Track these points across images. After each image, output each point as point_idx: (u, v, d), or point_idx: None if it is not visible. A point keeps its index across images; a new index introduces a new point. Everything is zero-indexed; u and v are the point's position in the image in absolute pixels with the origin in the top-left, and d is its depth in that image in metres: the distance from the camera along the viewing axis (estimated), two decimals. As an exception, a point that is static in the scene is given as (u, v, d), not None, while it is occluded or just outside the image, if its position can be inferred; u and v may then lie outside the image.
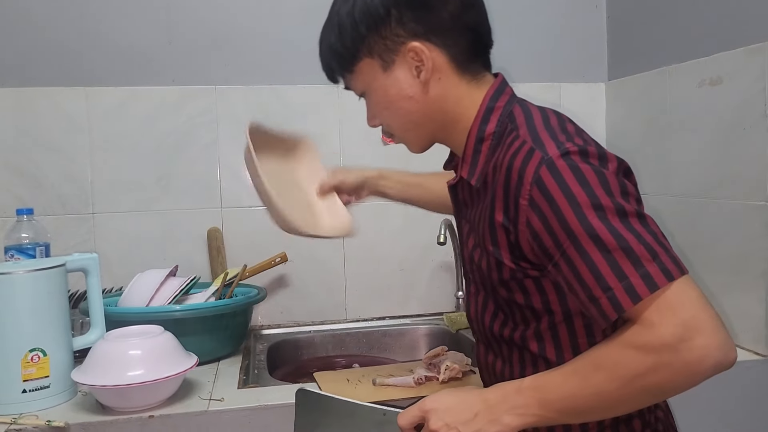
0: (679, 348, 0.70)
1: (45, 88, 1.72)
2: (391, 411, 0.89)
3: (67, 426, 1.12)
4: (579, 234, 0.74)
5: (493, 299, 0.92)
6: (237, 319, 1.51)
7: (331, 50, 0.94)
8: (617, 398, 0.75)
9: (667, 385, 0.73)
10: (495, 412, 0.78)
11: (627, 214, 0.75)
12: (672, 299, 0.72)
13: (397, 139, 0.99)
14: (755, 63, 1.36)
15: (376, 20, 0.88)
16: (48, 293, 1.22)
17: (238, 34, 1.81)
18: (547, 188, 0.76)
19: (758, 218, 1.36)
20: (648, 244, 0.73)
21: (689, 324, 0.71)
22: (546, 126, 0.84)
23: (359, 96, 0.99)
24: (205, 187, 1.81)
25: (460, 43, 0.89)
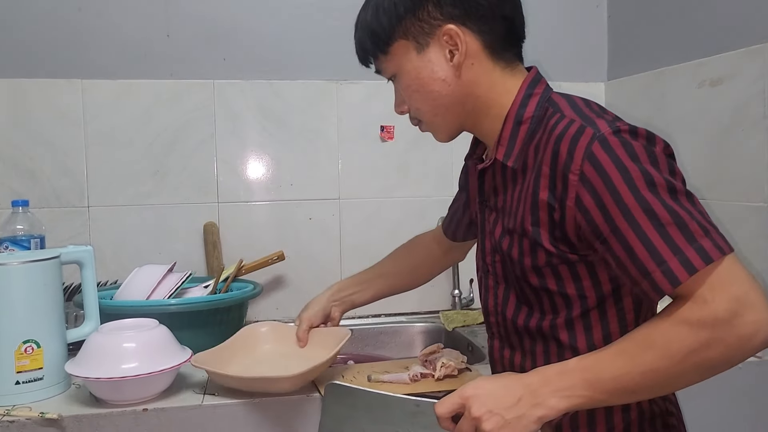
0: (733, 323, 0.71)
1: (41, 79, 1.71)
2: (425, 401, 0.87)
3: (60, 418, 1.11)
4: (633, 208, 0.75)
5: (517, 290, 0.92)
6: (232, 314, 1.50)
7: (367, 30, 0.94)
8: (670, 375, 0.75)
9: (719, 361, 0.74)
10: (539, 395, 0.77)
11: (677, 192, 0.76)
12: (723, 276, 0.73)
13: (425, 126, 0.99)
14: (755, 64, 1.36)
15: (414, 1, 0.89)
16: (43, 285, 1.21)
17: (237, 29, 1.80)
18: (600, 163, 0.77)
19: (756, 219, 1.37)
20: (699, 221, 0.75)
21: (741, 299, 0.72)
22: (590, 108, 0.86)
23: (388, 79, 0.99)
24: (201, 182, 1.80)
25: (495, 31, 0.90)
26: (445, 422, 0.81)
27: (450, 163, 1.91)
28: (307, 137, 1.85)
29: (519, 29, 0.93)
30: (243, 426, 1.17)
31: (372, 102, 1.87)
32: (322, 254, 1.87)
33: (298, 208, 1.85)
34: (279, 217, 1.84)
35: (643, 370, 0.75)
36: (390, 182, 1.89)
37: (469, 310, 1.85)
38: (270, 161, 1.83)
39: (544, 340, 0.90)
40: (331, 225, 1.87)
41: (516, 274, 0.90)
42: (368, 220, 1.89)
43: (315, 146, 1.85)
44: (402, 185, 1.90)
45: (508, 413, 0.76)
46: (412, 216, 1.91)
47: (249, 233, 1.82)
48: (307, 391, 1.22)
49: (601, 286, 0.85)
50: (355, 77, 1.85)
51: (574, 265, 0.85)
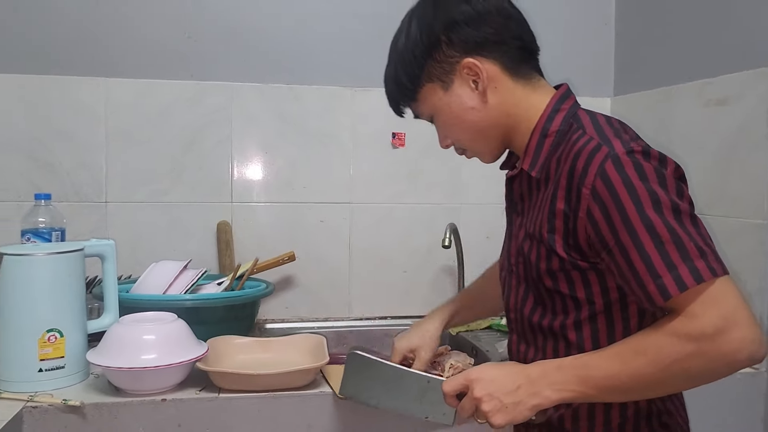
0: (718, 339, 0.78)
1: (64, 77, 1.75)
2: (436, 379, 0.98)
3: (82, 405, 1.15)
4: (636, 224, 0.81)
5: (535, 291, 0.98)
6: (246, 311, 1.54)
7: (395, 84, 1.02)
8: (655, 380, 0.82)
9: (701, 372, 0.80)
10: (536, 385, 0.85)
11: (681, 213, 0.82)
12: (715, 294, 0.79)
13: (470, 153, 1.06)
14: (760, 86, 1.41)
15: (428, 48, 0.96)
16: (67, 276, 1.25)
17: (257, 33, 1.85)
18: (610, 180, 0.83)
19: (756, 236, 1.41)
20: (697, 243, 0.81)
21: (728, 318, 0.78)
22: (610, 127, 0.91)
23: (429, 121, 1.06)
24: (216, 182, 1.84)
25: (509, 52, 0.96)
26: (450, 399, 0.93)
27: (459, 171, 1.96)
28: (321, 141, 1.89)
29: (530, 44, 0.99)
30: (257, 419, 1.22)
31: (385, 109, 1.88)
32: (331, 256, 1.91)
33: (310, 211, 1.90)
34: (291, 218, 1.88)
35: (631, 373, 0.82)
36: (400, 188, 1.94)
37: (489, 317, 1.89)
38: (284, 164, 1.88)
39: (554, 338, 0.96)
40: (342, 228, 1.92)
41: (533, 275, 0.96)
42: (378, 224, 1.93)
43: (328, 150, 1.90)
44: (412, 191, 1.95)
45: (506, 398, 0.86)
46: (420, 222, 1.95)
47: (261, 233, 1.86)
48: (319, 387, 1.26)
49: (609, 292, 0.91)
50: (369, 84, 1.90)
51: (584, 271, 0.90)
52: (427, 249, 1.95)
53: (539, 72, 1.01)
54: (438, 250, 1.88)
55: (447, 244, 1.77)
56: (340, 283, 1.92)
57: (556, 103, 0.97)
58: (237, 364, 1.32)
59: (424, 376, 0.99)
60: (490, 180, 1.97)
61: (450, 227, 1.80)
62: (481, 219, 1.98)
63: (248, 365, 1.32)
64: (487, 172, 1.95)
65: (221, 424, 1.20)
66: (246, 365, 1.32)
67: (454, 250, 1.86)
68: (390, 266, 1.94)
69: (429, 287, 1.97)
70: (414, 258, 1.96)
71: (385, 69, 1.05)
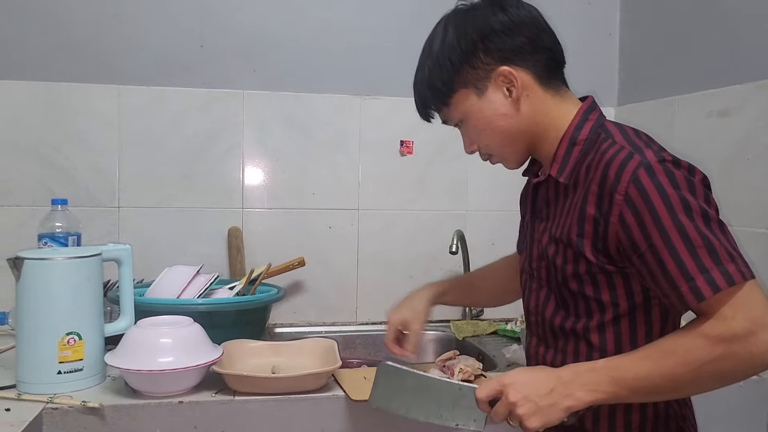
0: (748, 340, 0.81)
1: (79, 84, 1.79)
2: (467, 386, 0.98)
3: (101, 407, 1.18)
4: (669, 229, 0.85)
5: (558, 294, 1.01)
6: (258, 315, 1.57)
7: (428, 88, 1.04)
8: (686, 381, 0.85)
9: (731, 373, 0.84)
10: (569, 387, 0.88)
11: (710, 219, 0.86)
12: (744, 297, 0.83)
13: (496, 158, 1.08)
14: (762, 97, 1.44)
15: (466, 54, 0.99)
16: (86, 280, 1.28)
17: (267, 42, 1.88)
18: (644, 187, 0.87)
19: (759, 245, 1.44)
20: (727, 248, 0.85)
21: (758, 320, 0.82)
22: (639, 137, 0.95)
23: (455, 126, 1.08)
24: (227, 188, 1.87)
25: (541, 62, 1.00)
26: (483, 405, 0.93)
27: (465, 179, 2.00)
28: (330, 149, 1.92)
29: (559, 56, 1.04)
30: (272, 421, 1.24)
31: (393, 117, 1.95)
32: (339, 262, 1.94)
33: (319, 217, 1.93)
34: (300, 224, 1.92)
35: (663, 374, 0.85)
36: (407, 195, 1.97)
37: (479, 321, 1.92)
38: (293, 171, 1.91)
39: (576, 341, 0.99)
40: (350, 234, 1.95)
41: (558, 279, 0.99)
42: (385, 230, 1.96)
43: (337, 158, 1.93)
44: (419, 199, 1.98)
45: (541, 401, 0.87)
46: (427, 229, 1.98)
47: (270, 239, 1.89)
48: (331, 390, 1.29)
49: (633, 296, 0.94)
50: (378, 93, 1.93)
51: (610, 275, 0.94)
52: (434, 255, 1.98)
53: (566, 84, 1.05)
54: (444, 256, 1.92)
55: (454, 250, 1.80)
56: (347, 288, 1.95)
57: (584, 113, 1.01)
58: (250, 368, 1.35)
59: (456, 384, 1.01)
60: (496, 188, 2.01)
61: (457, 234, 1.83)
62: (487, 226, 2.01)
63: (261, 369, 1.34)
64: (493, 180, 2.01)
65: (236, 426, 1.23)
66: (259, 368, 1.34)
67: (460, 256, 1.89)
68: (397, 272, 1.97)
69: (435, 293, 2.00)
70: (420, 264, 1.99)
71: (415, 73, 1.07)
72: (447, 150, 1.97)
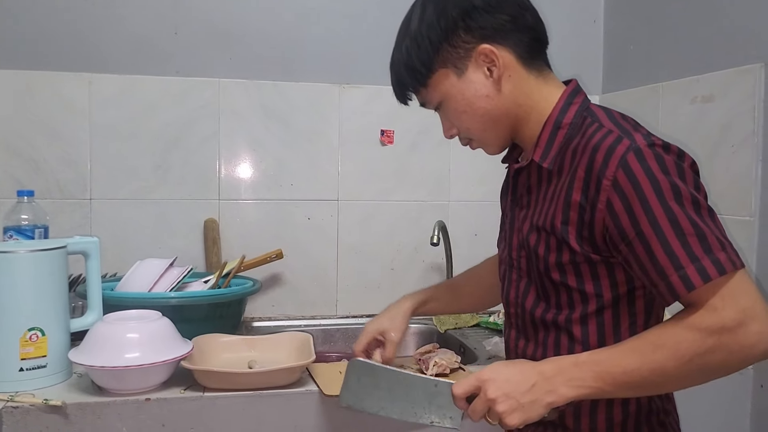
0: (738, 332, 0.78)
1: (48, 72, 1.73)
2: (444, 382, 0.93)
3: (64, 405, 1.14)
4: (659, 216, 0.81)
5: (538, 285, 0.97)
6: (232, 308, 1.53)
7: (405, 67, 0.98)
8: (675, 375, 0.81)
9: (721, 365, 0.80)
10: (552, 383, 0.84)
11: (701, 207, 0.83)
12: (734, 288, 0.80)
13: (476, 143, 1.03)
14: (746, 83, 1.41)
15: (445, 32, 0.94)
16: (49, 274, 1.24)
17: (244, 29, 1.83)
18: (633, 172, 0.83)
19: (743, 233, 1.42)
20: (717, 236, 0.81)
21: (748, 311, 0.79)
22: (626, 121, 0.91)
23: (435, 109, 1.03)
24: (203, 179, 1.83)
25: (523, 42, 0.96)
26: (460, 402, 0.89)
27: (447, 169, 1.96)
28: (309, 138, 1.88)
29: (542, 35, 0.99)
30: (243, 418, 1.20)
31: (373, 106, 1.90)
32: (319, 254, 1.90)
33: (297, 208, 1.88)
34: (278, 216, 1.87)
35: (651, 368, 0.81)
36: (388, 185, 1.93)
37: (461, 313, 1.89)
38: (271, 161, 1.86)
39: (557, 333, 0.96)
40: (329, 225, 1.91)
41: (539, 269, 0.95)
42: (365, 221, 1.92)
43: (316, 148, 1.89)
44: (399, 189, 1.94)
45: (522, 397, 0.84)
46: (408, 219, 1.95)
47: (248, 231, 1.85)
48: (305, 386, 1.25)
49: (617, 287, 0.90)
50: (357, 81, 1.89)
51: (595, 265, 0.90)
52: (415, 246, 1.95)
53: (549, 66, 1.01)
54: (426, 248, 1.88)
55: (435, 241, 1.77)
56: (327, 281, 1.91)
57: (569, 97, 0.96)
58: (222, 363, 1.31)
59: (432, 380, 0.96)
60: (479, 178, 1.97)
61: (438, 224, 1.80)
62: (469, 216, 1.98)
63: (234, 364, 1.31)
64: (476, 171, 1.97)
65: (206, 423, 1.19)
66: (231, 364, 1.31)
67: (442, 247, 1.85)
68: (378, 264, 1.94)
69: (417, 285, 1.94)
70: (401, 255, 1.95)
71: (392, 53, 1.01)
72: (429, 139, 1.94)
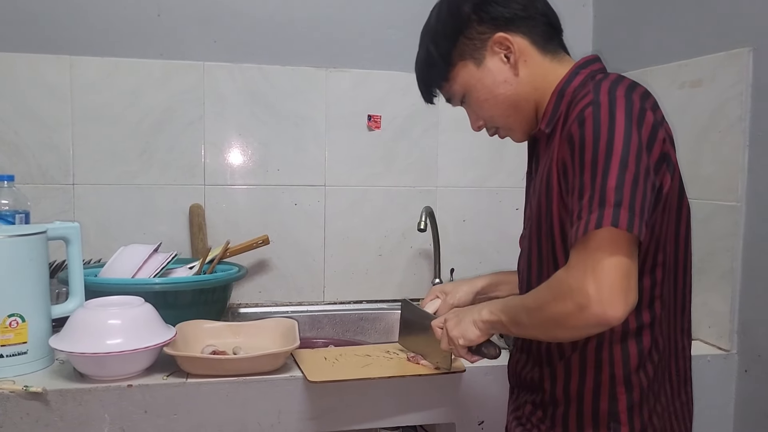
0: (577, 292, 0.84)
1: (28, 54, 1.69)
2: (431, 315, 1.22)
3: (44, 392, 1.12)
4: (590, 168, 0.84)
5: (546, 251, 0.98)
6: (216, 294, 1.51)
7: (428, 66, 1.05)
8: (528, 322, 0.93)
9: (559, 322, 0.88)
10: (479, 309, 1.03)
11: (626, 169, 0.83)
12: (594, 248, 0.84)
13: (503, 131, 1.07)
14: (735, 67, 1.41)
15: (460, 26, 1.00)
16: (29, 260, 1.22)
17: (229, 12, 1.80)
18: (581, 124, 0.86)
19: (729, 218, 1.41)
20: (610, 195, 0.82)
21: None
22: (619, 82, 0.90)
23: (460, 103, 1.07)
24: (188, 164, 1.80)
25: (536, 27, 1.00)
26: (435, 330, 1.13)
27: (435, 154, 1.94)
28: (295, 123, 1.86)
29: (555, 21, 1.03)
30: (227, 404, 1.20)
31: (360, 90, 1.88)
32: (305, 240, 1.89)
33: (284, 194, 1.87)
34: (264, 201, 1.85)
35: (524, 307, 0.93)
36: (375, 171, 1.92)
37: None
38: (257, 146, 1.84)
39: None
40: (316, 211, 1.89)
41: (544, 233, 0.96)
42: (352, 207, 1.91)
43: (302, 132, 1.87)
44: (387, 174, 1.92)
45: (461, 314, 1.06)
46: (395, 205, 1.94)
47: (234, 216, 1.83)
48: (289, 371, 1.25)
49: None
50: (344, 65, 1.87)
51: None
52: (403, 232, 1.94)
53: (565, 50, 1.04)
54: (413, 234, 1.87)
55: (422, 227, 1.76)
56: (314, 267, 1.90)
57: (577, 68, 0.99)
58: (206, 350, 1.30)
59: (430, 315, 1.18)
60: (467, 164, 1.96)
61: (426, 210, 1.79)
62: (458, 202, 1.97)
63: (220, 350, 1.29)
64: (464, 156, 1.96)
65: (189, 409, 1.18)
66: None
67: (429, 233, 1.84)
68: (365, 249, 1.93)
69: (404, 271, 1.96)
70: (389, 241, 1.94)
71: (416, 56, 1.08)
72: (416, 125, 1.92)
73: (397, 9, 1.87)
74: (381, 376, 1.23)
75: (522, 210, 1.14)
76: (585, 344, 0.94)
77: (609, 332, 0.91)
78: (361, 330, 1.85)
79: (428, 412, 1.30)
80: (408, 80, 1.94)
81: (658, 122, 0.89)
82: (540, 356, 1.00)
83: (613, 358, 0.92)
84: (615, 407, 0.93)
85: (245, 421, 1.21)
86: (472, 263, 1.97)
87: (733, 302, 1.42)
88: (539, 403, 1.00)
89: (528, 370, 1.03)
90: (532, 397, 1.02)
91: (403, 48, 1.90)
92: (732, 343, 1.43)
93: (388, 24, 1.88)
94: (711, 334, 1.47)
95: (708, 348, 1.45)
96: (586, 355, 0.94)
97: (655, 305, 0.93)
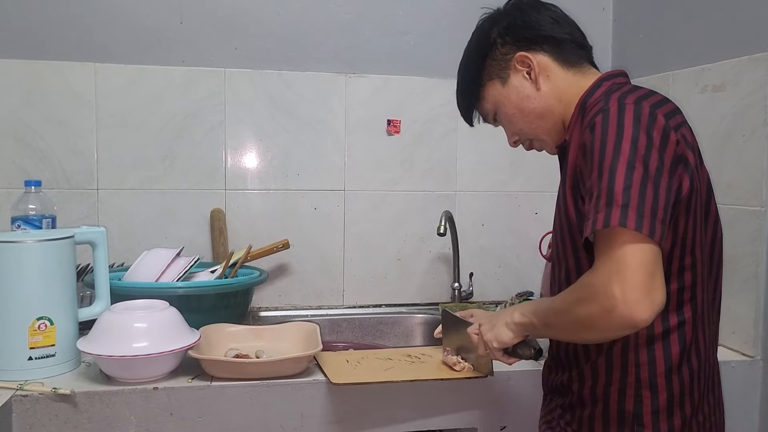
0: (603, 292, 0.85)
1: (55, 62, 1.73)
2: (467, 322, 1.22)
3: (73, 394, 1.14)
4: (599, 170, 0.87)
5: (572, 258, 0.99)
6: (238, 298, 1.53)
7: (463, 90, 1.14)
8: (558, 324, 0.94)
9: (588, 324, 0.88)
10: (511, 312, 1.04)
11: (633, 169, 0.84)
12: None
13: (537, 143, 1.12)
14: (757, 72, 1.40)
15: (486, 50, 1.09)
16: (57, 264, 1.24)
17: (249, 18, 1.82)
18: (594, 129, 0.88)
19: (752, 223, 1.40)
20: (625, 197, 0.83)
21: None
22: (631, 92, 0.93)
23: (494, 121, 1.14)
24: (209, 169, 1.82)
25: (559, 45, 1.05)
26: (472, 337, 1.14)
27: (453, 159, 1.95)
28: (315, 128, 1.87)
29: (580, 40, 1.08)
30: (250, 407, 1.21)
31: (379, 95, 1.89)
32: (325, 244, 1.90)
33: (304, 198, 1.88)
34: (284, 206, 1.87)
35: (554, 309, 0.93)
36: (394, 175, 1.92)
37: (468, 303, 1.89)
38: (277, 151, 1.86)
39: None
40: (336, 215, 1.90)
41: (569, 240, 0.98)
42: (371, 212, 1.92)
43: (322, 137, 1.88)
44: (406, 179, 1.93)
45: (493, 318, 1.07)
46: (414, 209, 1.94)
47: (254, 221, 1.85)
48: (312, 375, 1.26)
49: None
50: (363, 71, 1.88)
51: None
52: (421, 236, 1.94)
53: (592, 64, 1.08)
54: (432, 238, 1.88)
55: (442, 231, 1.76)
56: (333, 271, 1.91)
57: (600, 80, 1.03)
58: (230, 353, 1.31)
59: (465, 322, 1.21)
60: (486, 168, 1.96)
61: (446, 214, 1.79)
62: (476, 206, 1.97)
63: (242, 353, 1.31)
64: (483, 161, 1.96)
65: (213, 412, 1.20)
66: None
67: (448, 237, 1.85)
68: (384, 254, 1.93)
69: (423, 275, 1.96)
70: (408, 245, 1.94)
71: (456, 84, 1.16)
72: (435, 129, 1.93)
73: (415, 15, 1.89)
74: (404, 379, 1.24)
75: (541, 214, 1.16)
76: (611, 347, 0.95)
77: (635, 336, 0.91)
78: (380, 334, 1.86)
79: (450, 416, 1.30)
80: (427, 85, 1.99)
81: (670, 126, 0.89)
82: (568, 360, 1.01)
83: (639, 360, 0.93)
84: (639, 410, 0.93)
85: (268, 424, 1.22)
86: (490, 267, 1.97)
87: (757, 308, 1.40)
88: (567, 406, 1.02)
89: (557, 375, 1.04)
90: (561, 401, 1.03)
91: (422, 53, 1.93)
92: (756, 349, 1.42)
93: (407, 30, 1.89)
94: (735, 340, 1.45)
95: (732, 354, 1.44)
96: (612, 358, 0.95)
97: (684, 309, 0.93)
